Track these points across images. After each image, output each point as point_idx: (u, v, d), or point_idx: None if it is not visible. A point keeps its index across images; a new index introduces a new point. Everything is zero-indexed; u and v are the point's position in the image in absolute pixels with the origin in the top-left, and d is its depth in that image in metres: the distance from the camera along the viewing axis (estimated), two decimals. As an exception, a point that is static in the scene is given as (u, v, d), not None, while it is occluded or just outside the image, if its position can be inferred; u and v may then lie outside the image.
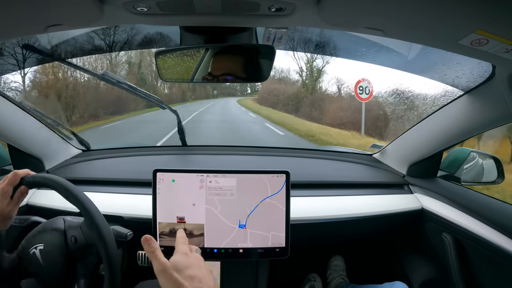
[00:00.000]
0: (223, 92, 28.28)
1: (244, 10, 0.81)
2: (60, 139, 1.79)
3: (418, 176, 1.69)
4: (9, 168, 1.65)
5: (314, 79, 16.06)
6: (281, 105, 17.28)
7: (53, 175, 0.99)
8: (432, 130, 1.49)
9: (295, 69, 17.29)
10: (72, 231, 0.98)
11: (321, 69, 15.83)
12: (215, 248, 1.27)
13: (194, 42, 1.02)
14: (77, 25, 0.95)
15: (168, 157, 1.98)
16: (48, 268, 0.97)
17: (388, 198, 1.61)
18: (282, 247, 1.28)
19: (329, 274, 1.96)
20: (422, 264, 1.64)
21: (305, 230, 1.46)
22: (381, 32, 0.84)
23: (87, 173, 1.71)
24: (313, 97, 15.18)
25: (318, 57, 15.66)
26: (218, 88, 25.39)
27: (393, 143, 1.81)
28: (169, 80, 1.10)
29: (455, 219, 1.39)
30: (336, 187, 1.66)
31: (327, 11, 0.76)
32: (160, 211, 1.25)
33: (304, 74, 16.38)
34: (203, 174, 1.26)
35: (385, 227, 1.66)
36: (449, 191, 1.53)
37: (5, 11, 0.72)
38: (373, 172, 1.82)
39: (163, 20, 0.90)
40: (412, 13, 0.71)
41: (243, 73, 1.04)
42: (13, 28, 0.85)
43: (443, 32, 0.78)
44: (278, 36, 1.02)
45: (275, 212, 1.27)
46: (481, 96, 1.20)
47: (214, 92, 26.48)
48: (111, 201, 1.47)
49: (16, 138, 1.49)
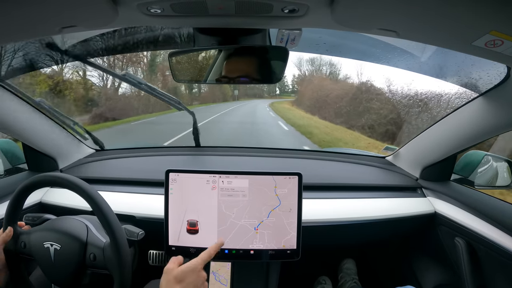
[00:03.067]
0: (248, 93, 25.75)
1: (257, 12, 0.81)
2: (74, 139, 1.82)
3: (431, 179, 1.68)
4: (23, 166, 1.68)
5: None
6: (332, 112, 13.79)
7: (68, 175, 1.00)
8: (446, 133, 1.47)
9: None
10: (93, 248, 0.99)
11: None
12: (226, 249, 1.27)
13: (207, 43, 1.02)
14: (92, 27, 0.96)
15: (181, 157, 1.99)
16: (56, 267, 0.98)
17: (400, 201, 1.60)
18: (293, 249, 1.27)
19: (340, 277, 1.95)
20: (434, 269, 1.62)
21: (316, 232, 1.45)
22: (395, 34, 0.84)
23: (100, 173, 1.73)
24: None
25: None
26: (240, 88, 23.88)
27: (407, 146, 1.79)
28: (182, 81, 1.10)
29: (468, 223, 1.37)
30: (349, 190, 1.65)
31: (340, 12, 0.75)
32: (172, 211, 1.26)
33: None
34: (216, 175, 1.26)
35: (397, 230, 1.64)
36: (462, 195, 1.51)
37: (22, 13, 0.73)
38: (386, 175, 1.81)
39: (176, 21, 0.90)
40: (426, 14, 0.70)
41: (257, 75, 1.04)
42: (29, 29, 0.86)
43: (458, 33, 0.77)
44: (292, 38, 1.02)
45: (287, 213, 1.26)
46: (496, 98, 1.18)
47: (234, 93, 24.90)
48: (123, 200, 1.49)
49: (30, 137, 1.52)
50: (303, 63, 24.09)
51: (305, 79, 21.23)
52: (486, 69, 1.15)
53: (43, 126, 1.56)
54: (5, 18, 0.75)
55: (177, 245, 1.26)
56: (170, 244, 1.27)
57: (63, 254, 0.97)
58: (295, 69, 24.96)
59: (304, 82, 21.33)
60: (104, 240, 1.00)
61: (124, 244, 0.95)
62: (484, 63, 1.15)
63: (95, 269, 0.99)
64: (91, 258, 0.97)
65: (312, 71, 18.50)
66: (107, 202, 0.97)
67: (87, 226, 1.04)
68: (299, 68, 25.00)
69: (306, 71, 21.15)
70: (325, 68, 15.97)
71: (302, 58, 24.16)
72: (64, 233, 1.00)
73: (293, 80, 28.03)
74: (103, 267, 0.97)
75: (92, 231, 1.03)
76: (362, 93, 12.30)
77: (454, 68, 1.31)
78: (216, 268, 1.37)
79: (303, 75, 23.24)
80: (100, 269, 0.98)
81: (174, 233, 1.26)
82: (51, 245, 0.98)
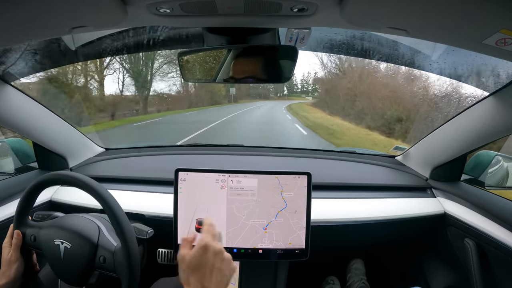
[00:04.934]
0: (250, 93, 21.58)
1: (266, 11, 0.81)
2: (84, 138, 1.84)
3: (441, 179, 1.66)
4: (34, 165, 1.70)
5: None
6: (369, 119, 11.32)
7: (78, 173, 1.00)
8: (456, 133, 1.46)
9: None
10: (104, 251, 0.98)
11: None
12: (234, 248, 1.27)
13: (216, 43, 1.02)
14: (101, 27, 0.97)
15: (190, 156, 2.00)
16: (65, 265, 0.98)
17: (410, 201, 1.59)
18: (302, 248, 1.27)
19: (349, 277, 1.95)
20: (443, 270, 1.61)
21: (325, 232, 1.45)
22: (405, 32, 0.83)
23: (110, 171, 1.75)
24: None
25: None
26: (241, 87, 19.55)
27: (417, 146, 1.78)
28: (191, 81, 1.11)
29: (478, 224, 1.36)
30: (358, 189, 1.64)
31: (350, 11, 0.75)
32: (181, 210, 1.26)
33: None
34: (225, 174, 1.27)
35: (406, 231, 1.63)
36: (472, 196, 1.50)
37: (32, 13, 0.74)
38: (396, 175, 1.80)
39: (185, 21, 0.91)
40: (436, 12, 0.69)
41: (266, 74, 1.04)
42: (40, 29, 0.87)
43: (468, 31, 0.77)
44: (301, 37, 1.02)
45: (296, 213, 1.26)
46: (507, 97, 1.16)
47: (231, 91, 19.75)
48: (133, 199, 1.50)
49: (41, 136, 1.53)
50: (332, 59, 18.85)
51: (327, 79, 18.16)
52: (497, 68, 1.14)
53: (53, 125, 1.58)
54: (17, 19, 0.76)
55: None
56: (179, 243, 1.27)
57: (73, 253, 0.98)
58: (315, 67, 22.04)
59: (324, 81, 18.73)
60: (115, 244, 1.00)
61: (135, 250, 0.95)
62: (494, 62, 1.14)
63: (103, 271, 0.99)
64: (100, 261, 0.97)
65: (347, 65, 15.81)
66: (117, 200, 0.97)
67: (99, 227, 1.04)
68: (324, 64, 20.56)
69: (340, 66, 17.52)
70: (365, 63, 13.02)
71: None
72: (75, 232, 1.00)
73: (314, 79, 24.97)
74: (112, 271, 0.97)
75: (103, 233, 1.03)
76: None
77: (464, 67, 1.30)
78: None
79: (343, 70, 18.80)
80: (109, 271, 0.97)
81: (183, 232, 1.27)
82: (61, 242, 0.98)
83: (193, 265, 0.76)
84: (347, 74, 14.29)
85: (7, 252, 1.00)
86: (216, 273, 0.76)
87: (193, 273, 0.76)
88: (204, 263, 0.76)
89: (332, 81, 16.43)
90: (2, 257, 1.01)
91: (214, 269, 0.76)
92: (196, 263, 0.76)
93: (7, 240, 1.03)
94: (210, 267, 0.76)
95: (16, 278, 0.99)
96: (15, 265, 0.99)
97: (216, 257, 0.77)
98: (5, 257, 1.00)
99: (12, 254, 0.99)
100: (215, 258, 0.77)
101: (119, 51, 1.60)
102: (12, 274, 0.98)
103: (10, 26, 0.80)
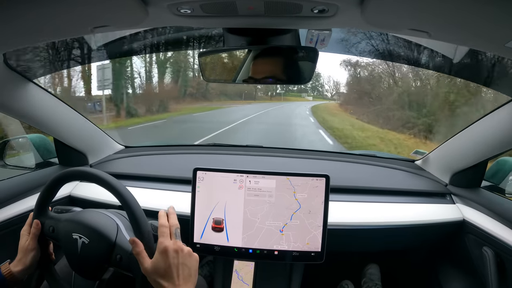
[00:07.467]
0: (251, 94, 20.50)
1: (287, 12, 0.81)
2: (104, 135, 1.87)
3: (461, 185, 1.62)
4: (54, 160, 1.74)
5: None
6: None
7: (98, 170, 1.02)
8: (477, 138, 1.43)
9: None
10: (121, 251, 0.99)
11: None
12: (250, 248, 1.27)
13: (236, 43, 1.03)
14: (123, 27, 0.99)
15: (208, 156, 2.01)
16: (81, 259, 0.99)
17: (428, 207, 1.56)
18: (317, 251, 1.27)
19: (363, 282, 1.93)
20: (459, 278, 1.58)
21: (341, 235, 1.44)
22: (426, 34, 0.82)
23: (129, 169, 1.78)
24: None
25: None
26: (248, 87, 18.66)
27: (437, 150, 1.75)
28: (211, 81, 1.12)
29: (497, 233, 1.32)
30: (376, 193, 1.63)
31: (371, 12, 0.74)
32: (198, 209, 1.28)
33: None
34: (243, 175, 1.27)
35: (423, 237, 1.60)
36: (492, 203, 1.46)
37: (56, 13, 0.76)
38: (414, 180, 1.77)
39: (206, 22, 0.91)
40: (459, 13, 0.68)
41: (286, 75, 1.03)
42: (62, 29, 0.89)
43: (490, 33, 0.75)
44: (321, 38, 1.01)
45: (313, 215, 1.26)
46: None
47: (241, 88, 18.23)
48: (151, 196, 1.52)
49: (62, 133, 1.57)
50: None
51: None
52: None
53: (74, 122, 1.61)
54: (40, 19, 0.78)
55: (202, 242, 1.28)
56: (194, 241, 1.28)
57: (90, 249, 0.98)
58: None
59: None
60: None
61: (151, 250, 0.95)
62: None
63: (119, 268, 1.00)
64: (117, 259, 0.97)
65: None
66: (135, 198, 0.98)
67: (118, 225, 1.05)
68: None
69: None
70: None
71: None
72: (94, 229, 1.01)
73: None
74: (127, 270, 0.97)
75: (122, 232, 1.03)
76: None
77: (486, 70, 1.28)
78: (239, 267, 1.38)
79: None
80: (124, 270, 0.98)
81: (199, 231, 1.28)
82: (79, 237, 0.99)
83: (161, 272, 0.83)
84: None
85: (24, 240, 1.02)
86: (181, 269, 0.85)
87: (163, 279, 0.83)
88: (169, 265, 0.84)
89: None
90: (20, 244, 1.03)
91: (179, 266, 0.85)
92: (162, 269, 0.83)
93: (25, 228, 1.05)
94: (175, 267, 0.84)
95: (32, 266, 1.01)
96: (32, 253, 1.01)
97: (177, 255, 0.85)
98: (22, 244, 1.02)
99: (30, 243, 1.01)
100: (177, 256, 0.85)
101: (138, 51, 1.63)
102: (28, 262, 1.00)
103: (33, 26, 0.82)
